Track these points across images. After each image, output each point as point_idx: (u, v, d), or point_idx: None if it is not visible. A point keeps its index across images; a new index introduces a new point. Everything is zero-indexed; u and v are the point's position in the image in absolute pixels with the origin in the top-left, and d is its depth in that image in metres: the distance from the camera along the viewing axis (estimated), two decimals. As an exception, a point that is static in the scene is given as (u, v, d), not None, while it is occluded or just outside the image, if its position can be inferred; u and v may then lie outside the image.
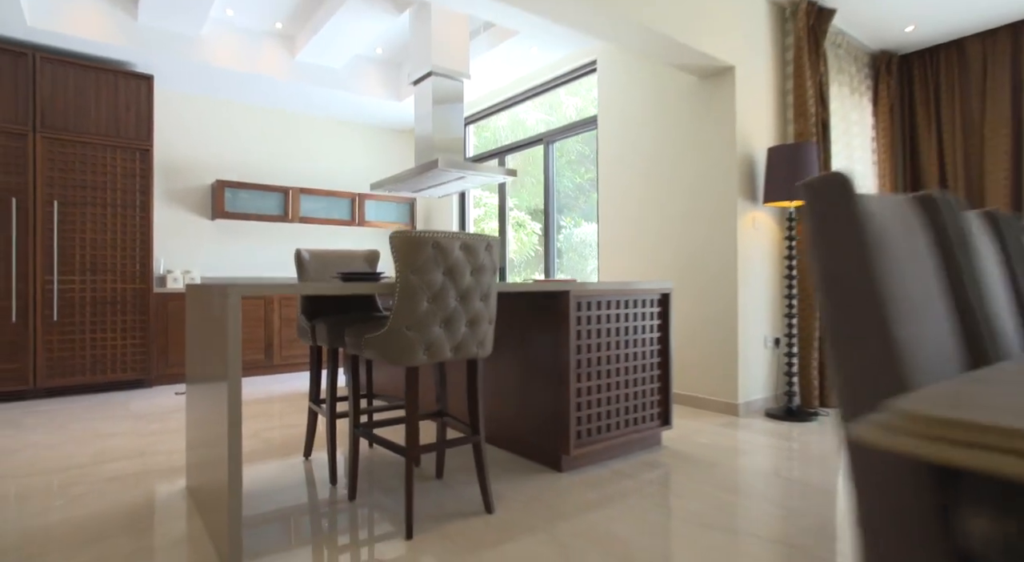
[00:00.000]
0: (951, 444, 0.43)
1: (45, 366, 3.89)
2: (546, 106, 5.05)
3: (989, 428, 0.41)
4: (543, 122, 5.09)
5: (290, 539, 1.77)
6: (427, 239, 1.75)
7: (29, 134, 3.84)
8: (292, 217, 5.25)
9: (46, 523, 1.89)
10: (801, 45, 3.57)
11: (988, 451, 0.41)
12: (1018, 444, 0.40)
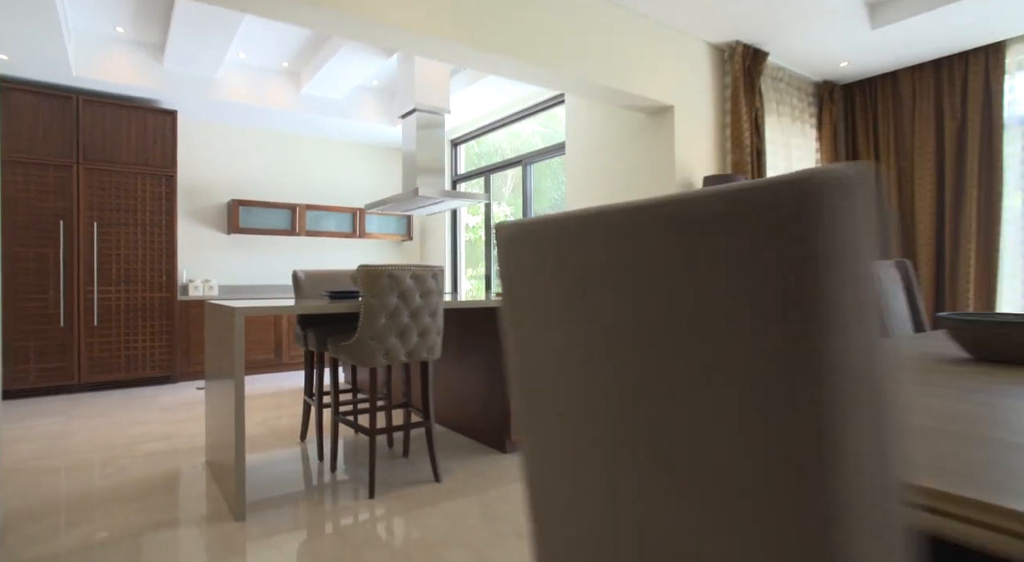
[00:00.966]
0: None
1: (87, 364, 4.53)
2: (544, 119, 5.54)
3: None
4: (539, 134, 5.60)
5: (282, 498, 2.34)
6: (383, 271, 2.30)
7: (74, 166, 4.48)
8: (299, 231, 5.86)
9: (102, 486, 2.49)
10: (738, 84, 4.05)
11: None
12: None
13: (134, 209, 4.75)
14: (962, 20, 3.72)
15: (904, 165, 4.62)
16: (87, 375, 4.54)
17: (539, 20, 3.14)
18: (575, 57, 3.29)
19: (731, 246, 0.43)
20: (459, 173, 6.53)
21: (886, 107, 4.71)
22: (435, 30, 2.76)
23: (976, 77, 4.20)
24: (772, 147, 4.38)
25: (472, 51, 2.93)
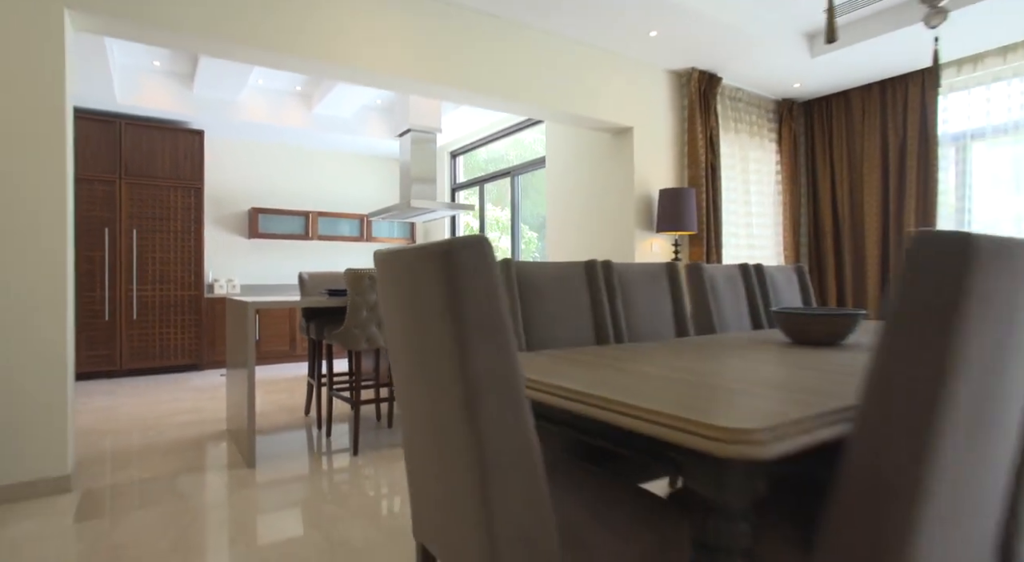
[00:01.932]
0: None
1: (128, 352, 5.22)
2: (544, 129, 6.05)
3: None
4: (540, 143, 6.11)
5: (284, 454, 2.93)
6: (365, 274, 2.88)
7: (117, 181, 5.17)
8: (312, 235, 6.49)
9: (145, 444, 3.11)
10: (694, 106, 4.54)
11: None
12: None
13: (167, 217, 5.43)
14: (895, 47, 4.16)
15: (855, 175, 5.05)
16: (127, 362, 5.22)
17: (511, 59, 3.69)
18: (544, 89, 3.83)
19: (424, 284, 0.99)
20: (458, 182, 7.10)
21: (839, 123, 5.15)
22: (415, 73, 3.33)
23: (914, 97, 4.62)
24: (729, 160, 4.86)
25: (452, 90, 3.49)
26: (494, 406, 0.96)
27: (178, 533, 2.01)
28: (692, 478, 0.99)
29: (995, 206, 4.31)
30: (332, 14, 3.05)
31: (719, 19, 3.70)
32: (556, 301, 2.04)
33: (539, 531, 1.02)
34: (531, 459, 0.99)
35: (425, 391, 1.10)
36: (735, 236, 4.88)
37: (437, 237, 7.28)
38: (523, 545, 1.01)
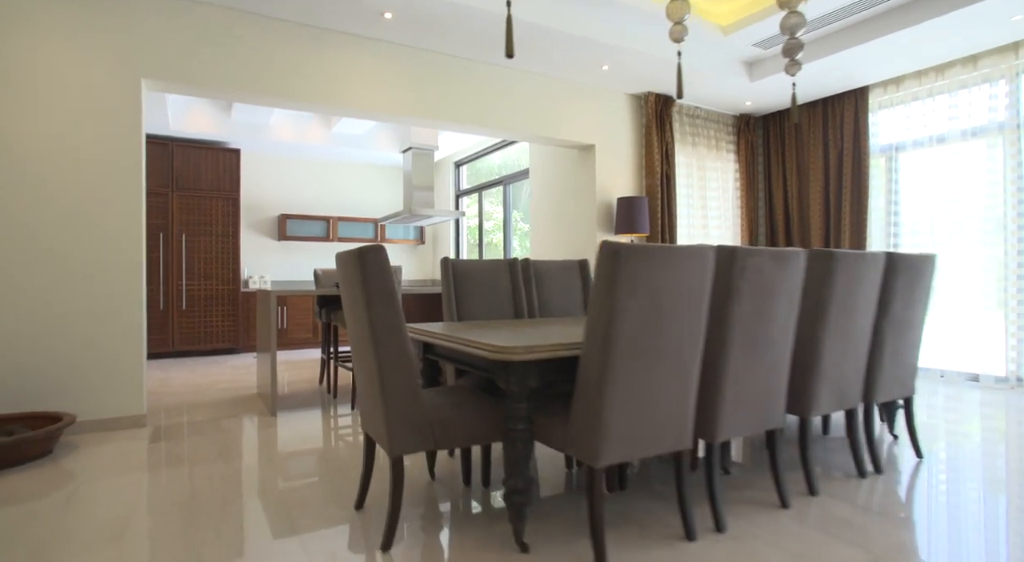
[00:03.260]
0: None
1: (178, 337, 6.22)
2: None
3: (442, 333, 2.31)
4: (526, 156, 6.89)
5: (298, 408, 3.80)
6: (359, 269, 3.72)
7: (169, 193, 6.17)
8: (332, 238, 7.42)
9: (195, 401, 4.03)
10: (650, 124, 5.26)
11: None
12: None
13: (210, 223, 6.41)
14: (830, 71, 4.76)
15: (803, 181, 5.68)
16: (177, 345, 6.22)
17: (485, 93, 4.48)
18: (514, 116, 4.61)
19: (352, 271, 1.81)
20: (461, 189, 7.93)
21: (790, 135, 5.78)
22: (403, 110, 4.15)
23: (849, 114, 5.24)
24: (686, 170, 5.56)
25: (436, 121, 4.31)
26: (385, 336, 1.77)
27: (221, 449, 2.88)
28: (499, 379, 1.79)
29: (917, 205, 4.90)
30: (334, 69, 3.90)
31: (659, 56, 4.42)
32: (484, 288, 2.84)
33: (415, 411, 1.82)
34: (409, 366, 1.80)
35: (356, 332, 1.92)
36: (691, 237, 5.57)
37: (443, 238, 8.14)
38: (405, 420, 1.82)
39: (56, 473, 2.52)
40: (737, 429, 1.96)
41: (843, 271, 2.18)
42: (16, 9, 3.03)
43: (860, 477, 2.42)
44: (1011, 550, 1.77)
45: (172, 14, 3.41)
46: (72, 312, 3.16)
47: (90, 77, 3.21)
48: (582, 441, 1.68)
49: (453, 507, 2.14)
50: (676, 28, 2.78)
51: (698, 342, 1.79)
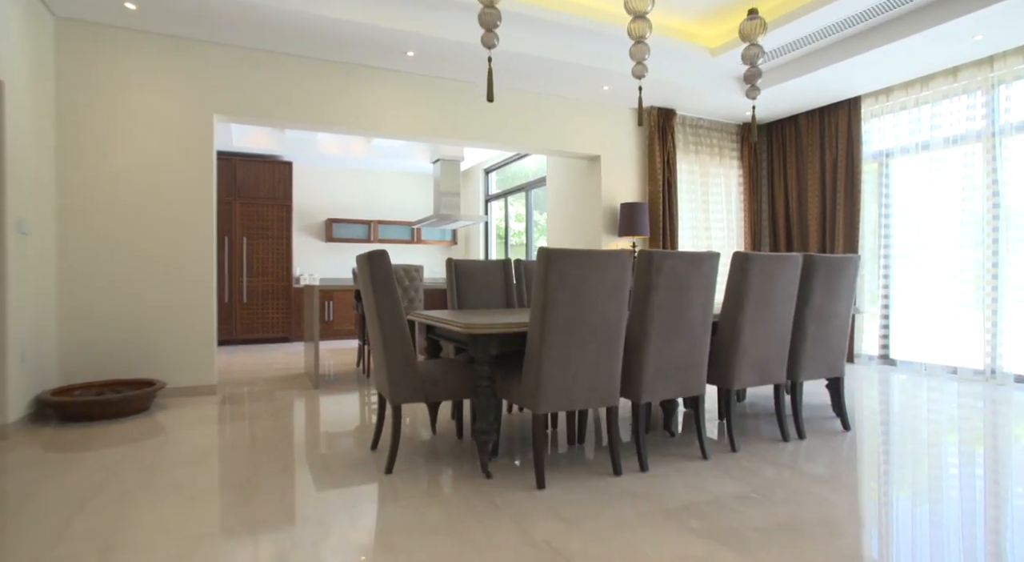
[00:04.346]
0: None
1: (240, 327, 7.13)
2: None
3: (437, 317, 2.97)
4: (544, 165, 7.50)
5: (336, 383, 4.53)
6: (387, 268, 4.41)
7: (232, 202, 7.08)
8: (373, 239, 8.21)
9: (253, 378, 4.83)
10: (652, 136, 5.75)
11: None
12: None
13: (266, 227, 7.29)
14: (823, 82, 5.12)
15: (802, 185, 6.04)
16: (239, 334, 7.13)
17: (498, 112, 5.10)
18: (526, 132, 5.21)
19: (363, 267, 2.48)
20: (490, 194, 8.58)
21: (791, 142, 6.15)
22: (425, 131, 4.82)
23: (843, 122, 5.58)
24: (689, 176, 6.02)
25: (454, 140, 4.96)
26: (388, 316, 2.42)
27: (273, 410, 3.61)
28: (470, 348, 2.41)
29: (906, 208, 5.21)
30: (366, 98, 4.60)
31: (655, 78, 4.93)
32: (481, 282, 3.46)
33: (409, 371, 2.47)
34: (405, 338, 2.45)
35: (369, 314, 2.58)
36: (694, 238, 6.03)
37: (474, 240, 8.82)
38: (402, 378, 2.46)
39: (152, 423, 3.30)
40: (659, 393, 2.51)
41: (757, 269, 2.68)
42: (117, 61, 3.86)
43: (784, 441, 2.92)
44: (859, 499, 2.27)
45: (236, 61, 4.18)
46: (162, 303, 3.97)
47: (173, 113, 4.02)
48: (528, 395, 2.28)
49: (443, 451, 2.77)
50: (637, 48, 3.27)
51: (621, 324, 2.35)
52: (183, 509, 2.07)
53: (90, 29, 3.78)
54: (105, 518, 1.98)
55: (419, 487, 2.29)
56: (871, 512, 2.04)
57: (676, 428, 3.15)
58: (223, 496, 2.19)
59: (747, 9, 4.41)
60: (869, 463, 2.59)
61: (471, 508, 2.07)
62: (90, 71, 3.79)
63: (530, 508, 2.07)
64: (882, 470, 2.49)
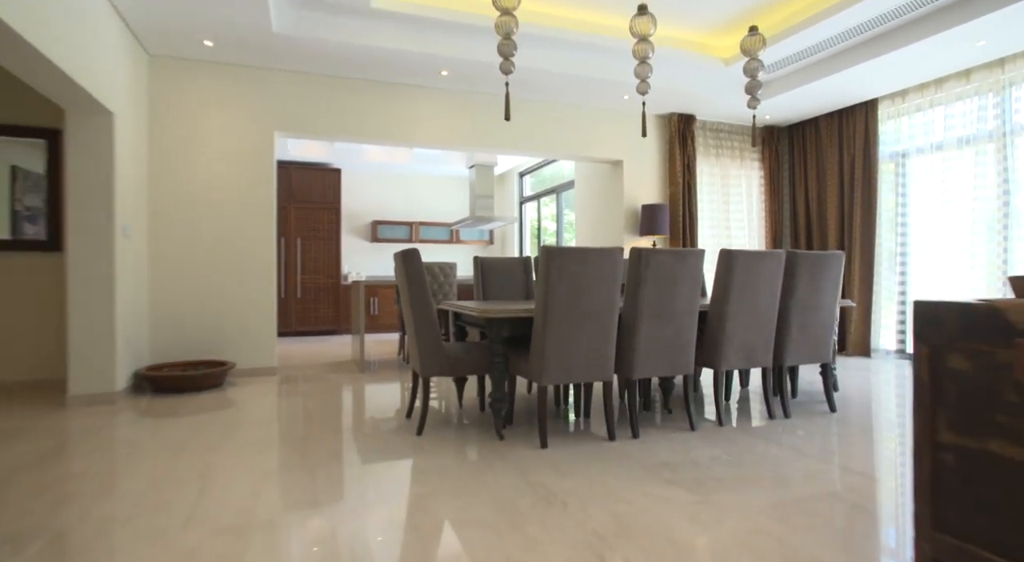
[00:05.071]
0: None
1: (295, 320, 7.83)
2: (562, 166, 7.90)
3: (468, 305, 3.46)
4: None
5: (380, 368, 5.08)
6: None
7: (289, 206, 7.80)
8: (415, 239, 8.80)
9: (309, 363, 5.45)
10: (673, 140, 6.07)
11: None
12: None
13: (318, 229, 7.98)
14: (841, 84, 5.33)
15: (821, 185, 6.24)
16: (295, 327, 7.84)
17: (527, 121, 5.55)
18: (553, 139, 5.65)
19: (400, 264, 2.99)
20: (524, 196, 9.04)
21: (811, 143, 6.35)
22: (460, 141, 5.32)
23: (860, 124, 5.76)
24: (709, 179, 6.31)
25: (487, 148, 5.45)
26: (419, 304, 2.91)
27: (325, 387, 4.18)
28: (486, 330, 2.88)
29: (921, 206, 5.36)
30: (405, 112, 5.14)
31: (673, 87, 5.27)
32: (503, 276, 3.92)
33: (436, 350, 2.95)
34: (433, 322, 2.94)
35: (404, 302, 3.08)
36: (715, 237, 6.31)
37: (509, 239, 9.30)
38: (431, 355, 2.95)
39: (225, 397, 3.92)
40: (649, 371, 2.91)
41: (741, 265, 3.04)
42: (196, 89, 4.51)
43: (771, 419, 3.26)
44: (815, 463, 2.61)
45: (294, 84, 4.79)
46: (232, 296, 4.61)
47: (240, 131, 4.65)
48: (534, 369, 2.73)
49: (467, 420, 3.25)
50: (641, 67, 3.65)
51: (613, 311, 2.77)
52: (255, 455, 2.62)
53: (176, 63, 4.45)
54: (198, 459, 2.55)
55: (443, 444, 2.77)
56: (821, 471, 2.39)
57: (671, 404, 3.53)
58: (285, 447, 2.74)
59: (757, 18, 4.73)
60: (840, 438, 2.91)
61: (484, 460, 2.53)
62: (175, 98, 4.45)
63: (532, 461, 2.51)
64: (849, 443, 2.81)
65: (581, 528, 1.83)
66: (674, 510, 1.97)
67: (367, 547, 1.71)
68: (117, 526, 1.85)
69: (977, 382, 1.17)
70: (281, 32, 4.09)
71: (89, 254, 3.60)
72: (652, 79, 5.15)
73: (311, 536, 1.78)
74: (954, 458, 1.22)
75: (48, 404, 3.65)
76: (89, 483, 2.25)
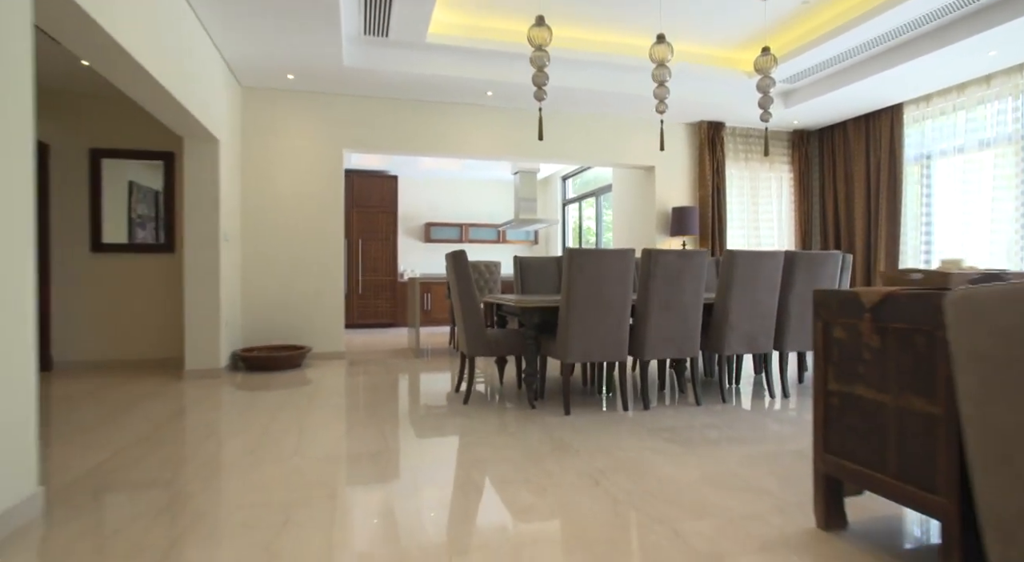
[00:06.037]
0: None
1: (356, 314, 8.66)
2: (601, 170, 8.38)
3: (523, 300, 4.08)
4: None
5: (434, 354, 5.76)
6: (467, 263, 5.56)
7: (351, 210, 8.63)
8: (464, 240, 9.49)
9: (370, 350, 6.19)
10: (703, 146, 6.47)
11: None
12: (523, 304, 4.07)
13: (377, 231, 8.78)
14: (868, 90, 5.61)
15: (849, 187, 6.49)
16: (356, 320, 8.67)
17: (565, 132, 6.10)
18: (592, 147, 6.17)
19: (450, 263, 3.63)
20: (567, 198, 9.57)
21: (840, 147, 6.60)
22: (504, 152, 5.93)
23: (886, 127, 6.01)
24: (739, 182, 6.67)
25: (529, 158, 6.03)
26: (466, 296, 3.54)
27: (386, 369, 4.87)
28: (520, 318, 3.47)
29: (945, 207, 5.58)
30: (455, 128, 5.79)
31: (700, 100, 5.70)
32: (539, 273, 4.50)
33: (480, 334, 3.57)
34: (477, 312, 3.55)
35: (453, 296, 3.72)
36: (744, 236, 6.67)
37: (553, 239, 9.85)
38: (475, 339, 3.57)
39: (304, 375, 4.67)
40: (660, 354, 3.42)
41: (741, 262, 3.50)
42: (279, 114, 5.30)
43: (770, 397, 3.70)
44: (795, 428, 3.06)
45: (358, 107, 5.52)
46: (307, 291, 5.39)
47: (314, 149, 5.41)
48: (560, 349, 3.29)
49: (505, 395, 3.85)
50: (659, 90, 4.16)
51: (627, 302, 3.30)
52: (336, 414, 3.30)
53: (263, 93, 5.26)
54: (293, 416, 3.26)
55: (485, 411, 3.38)
56: (796, 435, 2.86)
57: (685, 385, 4.02)
58: (358, 410, 3.42)
59: (778, 33, 5.11)
60: (828, 412, 3.33)
61: (517, 422, 3.12)
62: (261, 122, 5.26)
63: (556, 423, 3.09)
64: (834, 416, 3.24)
65: (586, 465, 2.39)
66: (664, 457, 2.51)
67: (423, 475, 2.33)
68: (246, 455, 2.55)
69: (848, 345, 1.67)
70: (350, 65, 4.80)
71: (200, 256, 4.41)
72: (682, 91, 5.61)
73: (381, 466, 2.42)
74: (837, 400, 1.72)
75: (170, 376, 4.50)
76: (218, 429, 2.98)
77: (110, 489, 2.14)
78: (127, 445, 2.70)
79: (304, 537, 1.73)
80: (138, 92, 3.42)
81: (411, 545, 1.69)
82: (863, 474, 1.62)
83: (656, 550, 1.65)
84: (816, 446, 1.78)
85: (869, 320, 1.58)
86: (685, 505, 1.98)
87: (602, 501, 2.01)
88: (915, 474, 1.46)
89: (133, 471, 2.34)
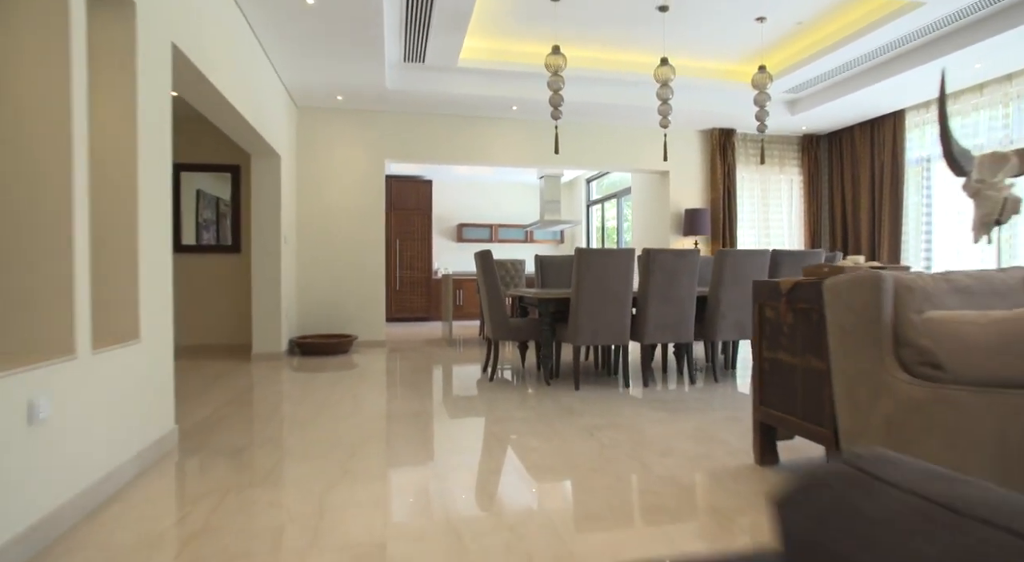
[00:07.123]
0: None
1: (394, 308, 9.38)
2: (621, 173, 8.88)
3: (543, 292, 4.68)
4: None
5: (466, 343, 6.39)
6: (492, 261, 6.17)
7: (390, 213, 9.35)
8: (494, 239, 10.12)
9: (407, 340, 6.87)
10: (715, 151, 6.93)
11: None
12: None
13: (413, 231, 9.48)
14: (872, 97, 5.99)
15: (856, 189, 6.85)
16: (394, 313, 9.39)
17: (583, 140, 6.65)
18: (609, 154, 6.71)
19: (479, 262, 4.24)
20: (591, 200, 10.09)
21: (848, 150, 6.97)
22: (528, 160, 6.52)
23: (889, 132, 6.36)
24: (749, 184, 7.09)
25: (556, 165, 6.61)
26: (493, 289, 4.15)
27: (422, 355, 5.52)
28: (538, 308, 4.07)
29: (943, 207, 5.92)
30: (482, 140, 6.40)
31: (710, 110, 6.18)
32: (558, 270, 5.07)
33: (503, 321, 4.17)
34: (501, 303, 4.16)
35: (481, 290, 4.33)
36: (754, 236, 7.09)
37: (578, 239, 10.40)
38: (499, 325, 4.17)
39: (351, 360, 5.35)
40: (658, 339, 3.95)
41: (730, 260, 4.01)
42: (328, 131, 6.01)
43: (760, 380, 4.19)
44: (781, 398, 3.57)
45: (399, 122, 6.19)
46: (353, 286, 6.09)
47: (359, 161, 6.11)
48: (571, 334, 3.87)
49: (525, 375, 4.45)
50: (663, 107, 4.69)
51: (628, 294, 3.85)
52: (383, 389, 3.96)
53: (315, 113, 5.98)
54: (347, 390, 3.92)
55: (507, 388, 3.98)
56: (770, 406, 3.36)
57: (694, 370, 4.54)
58: (401, 387, 4.07)
59: (777, 49, 5.55)
60: (806, 391, 3.82)
61: (533, 395, 3.72)
62: (314, 138, 5.98)
63: (565, 396, 3.67)
64: (810, 394, 3.73)
65: (585, 424, 2.97)
66: (651, 419, 3.06)
67: (455, 428, 2.95)
68: (311, 417, 3.22)
69: (774, 322, 2.20)
70: (392, 87, 5.47)
71: (264, 256, 5.14)
72: (693, 101, 6.10)
73: (423, 421, 3.05)
74: (768, 365, 2.25)
75: (241, 359, 5.25)
76: (289, 396, 3.67)
77: (219, 431, 2.83)
78: (221, 405, 3.40)
79: (367, 460, 2.37)
80: (219, 118, 4.14)
81: (446, 469, 2.30)
82: (783, 418, 2.15)
83: (625, 473, 2.22)
84: (754, 400, 2.32)
85: (785, 302, 2.12)
86: (656, 449, 2.54)
87: (593, 446, 2.59)
88: (812, 415, 2.00)
89: (231, 422, 3.03)
